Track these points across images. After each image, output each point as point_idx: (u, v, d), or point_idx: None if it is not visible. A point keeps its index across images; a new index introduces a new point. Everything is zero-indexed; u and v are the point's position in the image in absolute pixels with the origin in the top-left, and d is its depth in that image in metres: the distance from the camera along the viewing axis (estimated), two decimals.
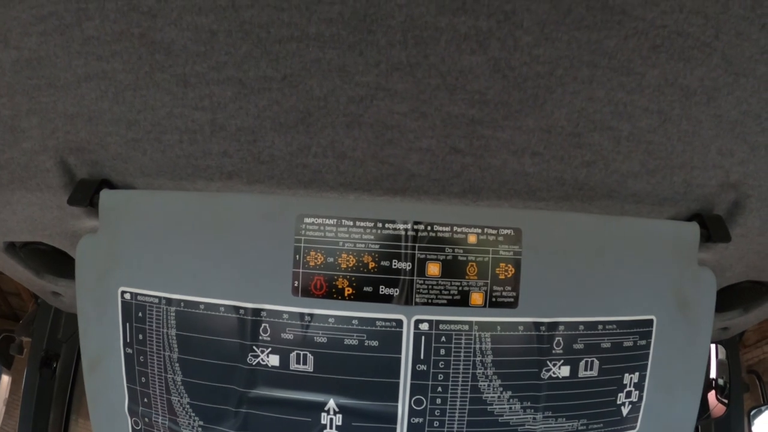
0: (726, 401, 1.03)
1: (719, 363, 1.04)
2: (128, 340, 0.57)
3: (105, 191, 0.55)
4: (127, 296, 0.56)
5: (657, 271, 0.57)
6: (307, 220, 0.53)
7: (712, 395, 1.03)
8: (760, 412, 1.14)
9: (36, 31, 0.42)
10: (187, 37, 0.41)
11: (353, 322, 0.52)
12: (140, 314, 0.56)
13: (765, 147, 0.50)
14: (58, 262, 0.69)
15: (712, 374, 1.02)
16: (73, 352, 1.03)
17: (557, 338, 0.54)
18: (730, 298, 0.71)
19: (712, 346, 1.02)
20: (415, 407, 0.53)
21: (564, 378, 0.55)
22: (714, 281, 0.60)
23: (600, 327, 0.55)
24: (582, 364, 0.55)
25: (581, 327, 0.55)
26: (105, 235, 0.57)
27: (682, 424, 0.62)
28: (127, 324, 0.57)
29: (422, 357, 0.53)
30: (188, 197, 0.55)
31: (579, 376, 0.56)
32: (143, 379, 0.57)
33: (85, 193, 0.54)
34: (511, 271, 0.53)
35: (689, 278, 0.58)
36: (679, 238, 0.57)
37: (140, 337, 0.56)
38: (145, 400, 0.58)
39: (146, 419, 0.58)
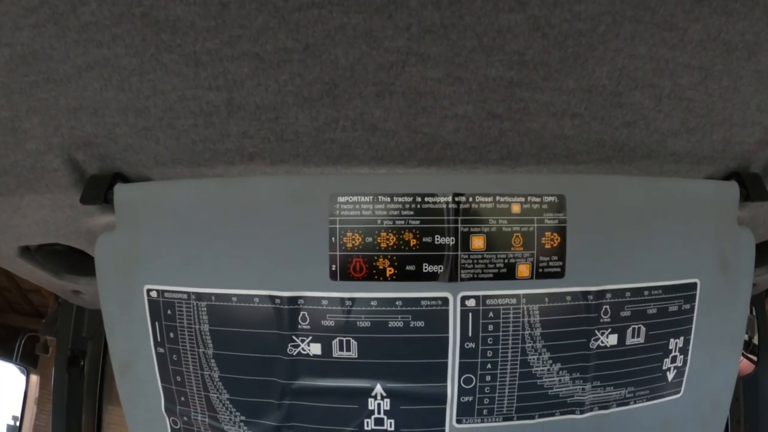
0: (753, 357, 1.02)
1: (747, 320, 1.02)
2: (159, 340, 0.53)
3: (119, 186, 0.50)
4: (154, 294, 0.52)
5: (699, 232, 0.54)
6: (341, 198, 0.48)
7: None
8: None
9: (28, 23, 0.38)
10: (195, 12, 0.37)
11: (397, 303, 0.49)
12: (169, 312, 0.52)
13: None
14: (76, 261, 0.65)
15: None
16: (99, 347, 1.00)
17: (605, 306, 0.51)
18: (759, 254, 0.69)
19: None
20: (464, 386, 0.50)
21: (612, 347, 0.52)
22: (753, 241, 0.57)
23: (646, 293, 0.52)
24: (629, 331, 0.53)
25: (628, 294, 0.52)
26: (124, 232, 0.52)
27: (723, 385, 0.60)
28: (156, 323, 0.53)
29: (470, 334, 0.49)
30: (209, 184, 0.51)
31: (626, 343, 0.53)
32: (178, 378, 0.54)
33: (98, 190, 0.50)
34: (557, 239, 0.50)
35: (730, 239, 0.56)
36: (719, 197, 0.54)
37: (171, 335, 0.53)
38: (182, 398, 0.55)
39: (185, 418, 0.55)
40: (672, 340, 0.55)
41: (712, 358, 0.57)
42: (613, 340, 0.52)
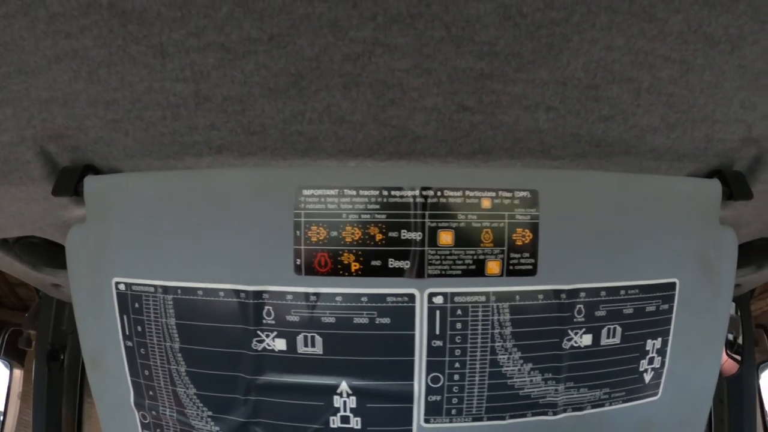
0: (737, 357, 1.01)
1: (729, 319, 1.01)
2: (127, 333, 0.52)
3: (89, 178, 0.50)
4: (122, 287, 0.51)
5: (679, 231, 0.52)
6: (306, 192, 0.47)
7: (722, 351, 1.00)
8: (767, 366, 1.12)
9: None
10: (160, 2, 0.36)
11: (362, 299, 0.47)
12: (137, 305, 0.51)
13: None
14: (54, 254, 0.64)
15: None
16: (79, 342, 0.99)
17: (578, 306, 0.50)
18: (743, 255, 0.67)
19: None
20: (432, 385, 0.49)
21: (586, 347, 0.51)
22: (736, 240, 0.55)
23: (622, 292, 0.51)
24: (604, 331, 0.51)
25: (603, 293, 0.50)
26: (93, 224, 0.51)
27: (703, 388, 0.58)
28: (124, 316, 0.52)
29: (437, 332, 0.48)
30: (176, 176, 0.50)
31: (601, 344, 0.51)
32: (147, 372, 0.53)
33: (69, 182, 0.49)
34: (529, 236, 0.48)
35: (712, 238, 0.54)
36: (700, 196, 0.52)
37: (139, 328, 0.52)
38: (151, 393, 0.53)
39: (153, 412, 0.54)
40: (649, 341, 0.53)
41: (691, 359, 0.56)
42: (587, 340, 0.51)
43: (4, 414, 1.17)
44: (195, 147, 0.48)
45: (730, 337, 1.03)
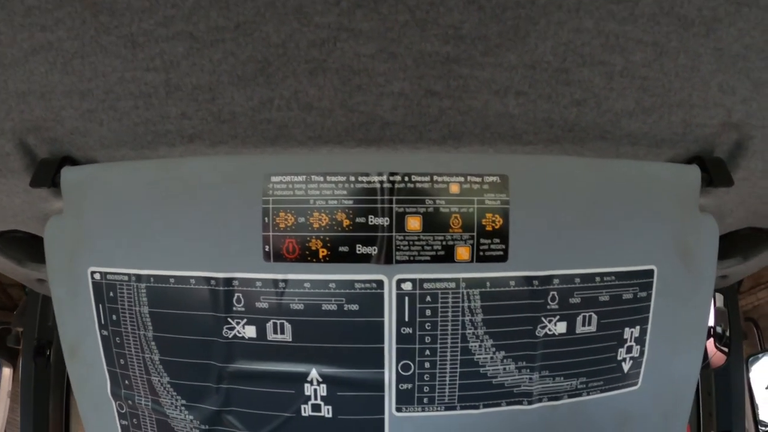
0: (725, 349, 1.00)
1: (717, 311, 1.00)
2: (103, 322, 0.52)
3: (65, 169, 0.50)
4: (97, 276, 0.51)
5: (656, 217, 0.51)
6: (275, 178, 0.47)
7: (710, 343, 0.99)
8: (757, 359, 1.11)
9: None
10: None
11: (330, 285, 0.47)
12: (111, 294, 0.51)
13: None
14: (38, 249, 0.64)
15: (711, 322, 0.98)
16: None
17: (552, 293, 0.49)
18: (729, 245, 0.66)
19: None
20: (402, 373, 0.48)
21: (561, 335, 0.50)
22: (716, 228, 0.54)
23: (597, 279, 0.50)
24: (579, 319, 0.50)
25: (577, 280, 0.49)
26: (70, 215, 0.51)
27: (684, 378, 0.57)
28: (100, 305, 0.51)
29: (407, 319, 0.47)
30: (149, 166, 0.49)
31: (576, 332, 0.50)
32: (122, 361, 0.52)
33: (47, 173, 0.49)
34: (499, 221, 0.47)
35: (690, 225, 0.53)
36: (678, 181, 0.51)
37: (114, 317, 0.51)
38: (126, 382, 0.53)
39: (129, 402, 0.54)
40: (627, 329, 0.52)
41: (672, 349, 0.55)
42: (561, 327, 0.50)
43: None
44: (167, 136, 0.47)
45: (719, 329, 1.02)
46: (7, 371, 1.15)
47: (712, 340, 1.00)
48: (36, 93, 0.44)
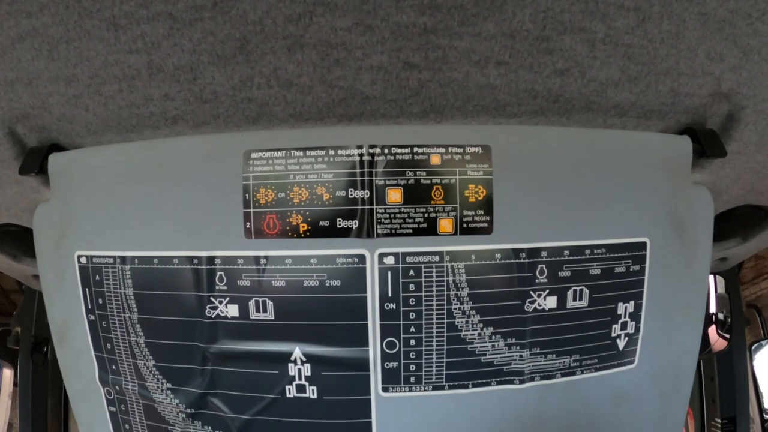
0: (727, 336, 0.97)
1: (719, 297, 0.97)
2: (89, 307, 0.51)
3: (53, 155, 0.50)
4: (83, 260, 0.50)
5: (647, 188, 0.49)
6: (254, 155, 0.45)
7: (712, 330, 0.97)
8: (761, 347, 1.08)
9: None
10: None
11: (312, 261, 0.45)
12: (97, 277, 0.50)
13: (758, 51, 0.42)
14: (33, 243, 0.64)
15: (712, 308, 0.96)
16: None
17: (540, 266, 0.47)
18: (727, 225, 0.64)
19: (711, 279, 0.95)
20: (387, 351, 0.46)
21: (551, 310, 0.47)
22: (711, 200, 0.52)
23: (587, 252, 0.48)
24: (570, 293, 0.48)
25: (566, 252, 0.47)
26: (57, 201, 0.51)
27: (683, 356, 0.54)
28: (86, 289, 0.50)
29: (390, 294, 0.45)
30: (131, 147, 0.49)
31: (567, 307, 0.48)
32: (109, 346, 0.51)
33: (35, 161, 0.49)
34: (482, 192, 0.46)
35: (683, 197, 0.50)
36: (669, 152, 0.49)
37: (100, 301, 0.50)
38: (114, 367, 0.52)
39: (117, 387, 0.53)
40: (621, 304, 0.50)
41: (669, 325, 0.52)
42: (551, 302, 0.47)
43: None
44: (151, 119, 0.47)
45: (720, 316, 0.99)
46: (7, 372, 1.14)
47: (714, 327, 0.98)
48: (23, 80, 0.44)
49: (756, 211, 0.64)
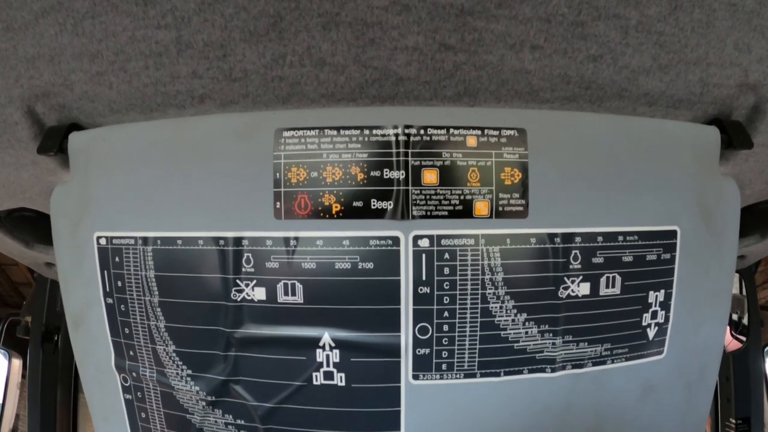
0: (741, 338, 0.96)
1: (734, 298, 0.96)
2: (107, 290, 0.49)
3: (73, 134, 0.48)
4: (103, 241, 0.48)
5: (677, 176, 0.49)
6: (286, 133, 0.44)
7: (726, 331, 0.96)
8: None
9: None
10: None
11: (344, 242, 0.44)
12: (117, 259, 0.48)
13: None
14: (47, 230, 0.62)
15: None
16: None
17: (574, 251, 0.46)
18: (746, 221, 0.64)
19: None
20: (420, 336, 0.45)
21: (584, 296, 0.47)
22: (737, 192, 0.52)
23: (620, 238, 0.47)
24: (603, 280, 0.47)
25: (600, 238, 0.46)
26: (76, 181, 0.50)
27: (709, 348, 0.53)
28: (105, 272, 0.49)
29: (424, 278, 0.44)
30: (157, 126, 0.48)
31: (600, 294, 0.47)
32: (126, 330, 0.50)
33: (54, 140, 0.48)
34: (518, 176, 0.45)
35: (712, 187, 0.50)
36: (698, 141, 0.49)
37: (119, 284, 0.49)
38: (131, 353, 0.50)
39: (134, 374, 0.51)
40: (651, 292, 0.49)
41: (697, 316, 0.52)
42: (585, 289, 0.47)
43: (3, 404, 1.14)
44: (177, 97, 0.46)
45: (735, 317, 0.98)
46: (16, 363, 1.12)
47: (728, 327, 0.96)
48: (45, 57, 0.42)
49: None
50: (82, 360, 0.54)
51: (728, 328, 0.96)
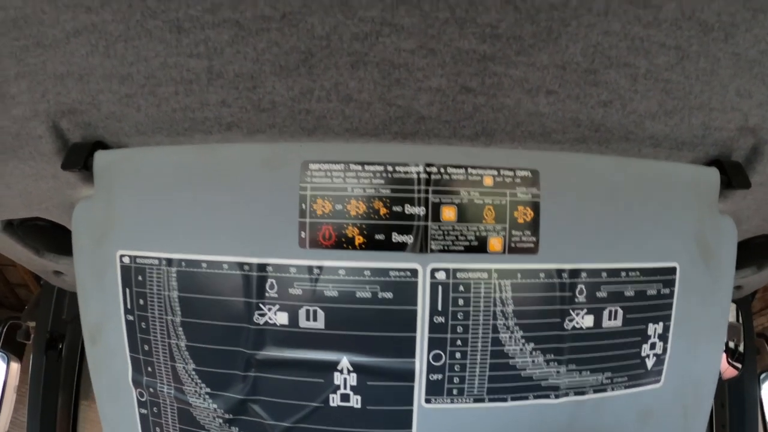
0: (737, 365, 0.99)
1: (730, 326, 0.99)
2: (129, 307, 0.51)
3: (100, 152, 0.50)
4: (126, 260, 0.51)
5: (678, 216, 0.52)
6: (313, 166, 0.47)
7: (723, 358, 0.99)
8: None
9: None
10: None
11: (365, 273, 0.47)
12: (140, 278, 0.50)
13: None
14: (58, 239, 0.64)
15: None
16: (78, 332, 0.96)
17: (580, 286, 0.49)
18: (743, 254, 0.67)
19: None
20: (433, 363, 0.48)
21: (588, 328, 0.50)
22: (735, 229, 0.55)
23: (623, 274, 0.50)
24: (606, 313, 0.50)
25: (604, 274, 0.50)
26: (101, 198, 0.51)
27: (705, 376, 0.57)
28: (127, 289, 0.51)
29: (440, 308, 0.47)
30: (186, 150, 0.50)
31: (603, 326, 0.50)
32: (146, 347, 0.52)
33: (79, 156, 0.49)
34: (530, 214, 0.48)
35: (710, 225, 0.54)
36: (699, 182, 0.52)
37: (141, 302, 0.51)
38: (149, 369, 0.52)
39: (151, 389, 0.53)
40: (651, 325, 0.52)
41: (693, 347, 0.55)
42: (588, 321, 0.50)
43: None
44: (205, 123, 0.48)
45: (731, 345, 1.01)
46: (15, 366, 1.13)
47: (724, 355, 0.99)
48: (74, 75, 0.44)
49: None
50: (97, 373, 0.56)
51: (724, 355, 0.99)
